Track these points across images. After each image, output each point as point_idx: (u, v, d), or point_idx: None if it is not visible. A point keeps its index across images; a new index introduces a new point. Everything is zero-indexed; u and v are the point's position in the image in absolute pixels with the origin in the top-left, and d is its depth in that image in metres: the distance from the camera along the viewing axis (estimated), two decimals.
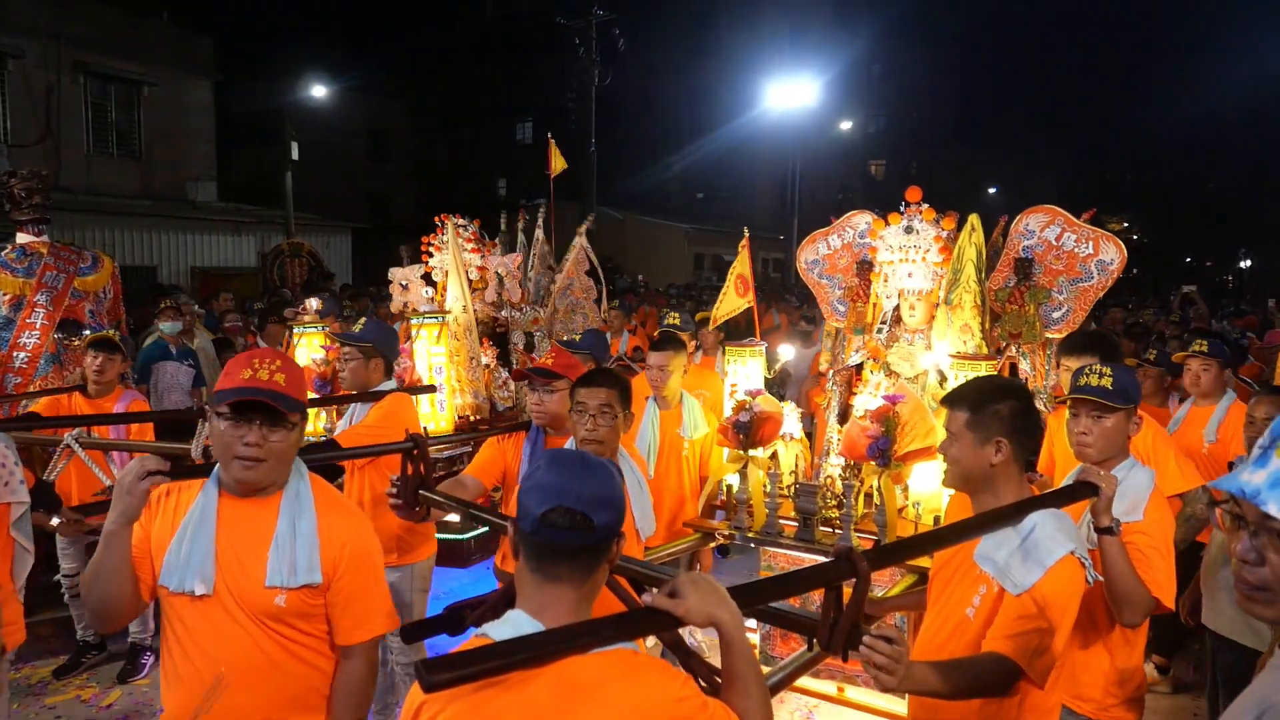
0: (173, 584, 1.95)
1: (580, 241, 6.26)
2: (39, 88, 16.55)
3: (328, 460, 3.16)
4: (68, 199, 15.84)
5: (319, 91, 22.01)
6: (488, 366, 5.45)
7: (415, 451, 2.54)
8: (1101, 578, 2.29)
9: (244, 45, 28.76)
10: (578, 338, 4.96)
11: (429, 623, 1.79)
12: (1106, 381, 2.56)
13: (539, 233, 6.46)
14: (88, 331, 5.21)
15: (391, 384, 3.91)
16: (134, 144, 18.63)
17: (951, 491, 2.62)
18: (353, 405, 3.93)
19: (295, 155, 19.60)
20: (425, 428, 5.19)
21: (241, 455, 1.94)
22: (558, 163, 7.21)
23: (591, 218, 6.60)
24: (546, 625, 1.37)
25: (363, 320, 4.02)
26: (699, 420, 4.22)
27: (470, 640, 1.41)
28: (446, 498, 2.59)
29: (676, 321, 5.34)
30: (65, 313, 5.33)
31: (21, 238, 5.26)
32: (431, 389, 4.90)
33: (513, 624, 1.39)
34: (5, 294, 5.21)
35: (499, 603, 1.77)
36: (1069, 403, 2.68)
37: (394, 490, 2.55)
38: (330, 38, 34.98)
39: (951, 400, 2.25)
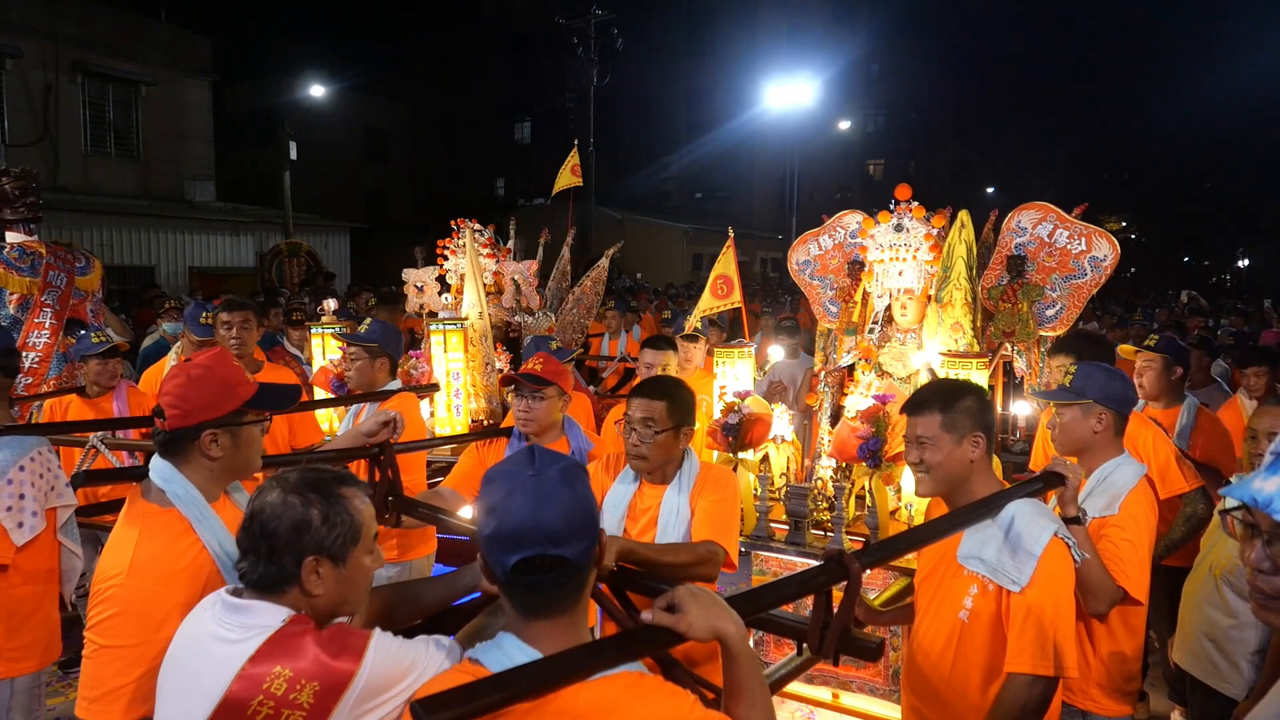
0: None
1: (604, 264, 6.28)
2: (37, 87, 16.54)
3: (289, 463, 3.17)
4: (65, 199, 15.84)
5: (317, 91, 21.99)
6: (501, 371, 5.47)
7: (381, 458, 2.47)
8: (1087, 555, 2.30)
9: (242, 45, 28.81)
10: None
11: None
12: (1066, 379, 2.63)
13: (565, 251, 6.48)
14: (85, 331, 5.20)
15: (397, 384, 3.97)
16: (132, 144, 18.63)
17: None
18: (355, 405, 4.00)
19: (293, 155, 19.61)
20: (435, 430, 5.24)
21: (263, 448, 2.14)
22: (569, 177, 7.15)
23: (620, 245, 6.62)
24: (543, 652, 1.30)
25: (368, 321, 4.01)
26: None
27: (462, 665, 1.35)
28: (423, 505, 2.54)
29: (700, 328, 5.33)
30: (70, 312, 5.32)
31: (12, 237, 5.22)
32: (434, 388, 4.91)
33: (506, 654, 1.32)
34: (13, 293, 5.17)
35: (476, 613, 1.76)
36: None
37: None
38: (328, 38, 35.03)
39: (916, 406, 2.23)
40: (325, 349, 5.50)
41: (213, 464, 1.99)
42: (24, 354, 5.01)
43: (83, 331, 5.26)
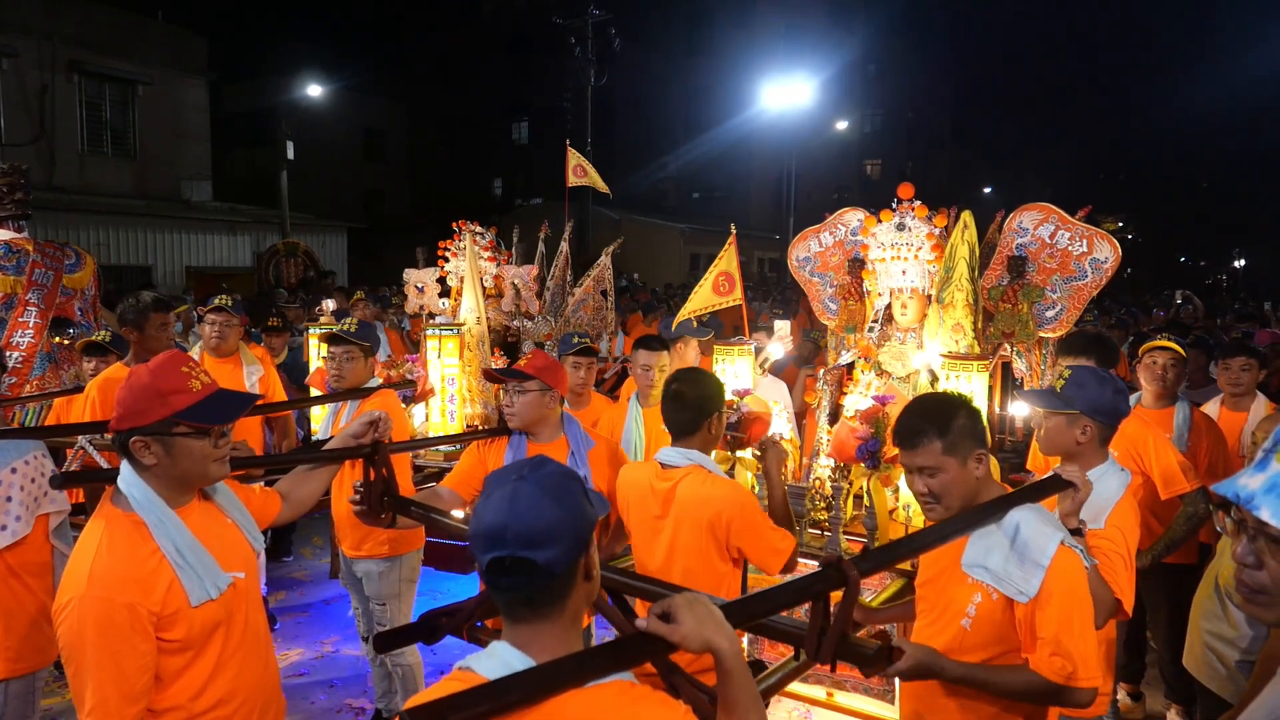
0: (198, 597, 1.94)
1: (604, 261, 6.24)
2: (33, 87, 16.50)
3: (279, 464, 3.18)
4: (62, 198, 15.82)
5: (314, 91, 21.96)
6: None
7: (376, 457, 2.43)
8: (1096, 562, 2.28)
9: (239, 44, 28.74)
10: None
11: (403, 631, 1.77)
12: (1059, 384, 2.61)
13: (564, 245, 6.43)
14: (74, 330, 5.16)
15: (377, 381, 4.13)
16: (129, 143, 18.60)
17: None
18: (335, 404, 4.11)
19: (290, 155, 19.58)
20: (429, 434, 5.24)
21: (220, 456, 2.03)
22: (578, 175, 7.17)
23: (620, 241, 6.57)
24: (534, 659, 1.31)
25: (352, 320, 4.04)
26: None
27: (454, 673, 1.35)
28: (417, 506, 2.52)
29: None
30: (56, 310, 5.28)
31: (1, 234, 5.19)
32: (411, 384, 4.92)
33: (500, 660, 1.32)
34: None
35: (474, 610, 1.74)
36: None
37: (357, 498, 2.47)
38: (326, 37, 34.92)
39: (909, 437, 2.14)
40: (321, 349, 5.49)
41: (151, 470, 1.95)
42: (7, 353, 4.99)
43: (71, 330, 5.22)
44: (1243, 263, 47.31)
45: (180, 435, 1.93)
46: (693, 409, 2.73)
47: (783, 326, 4.67)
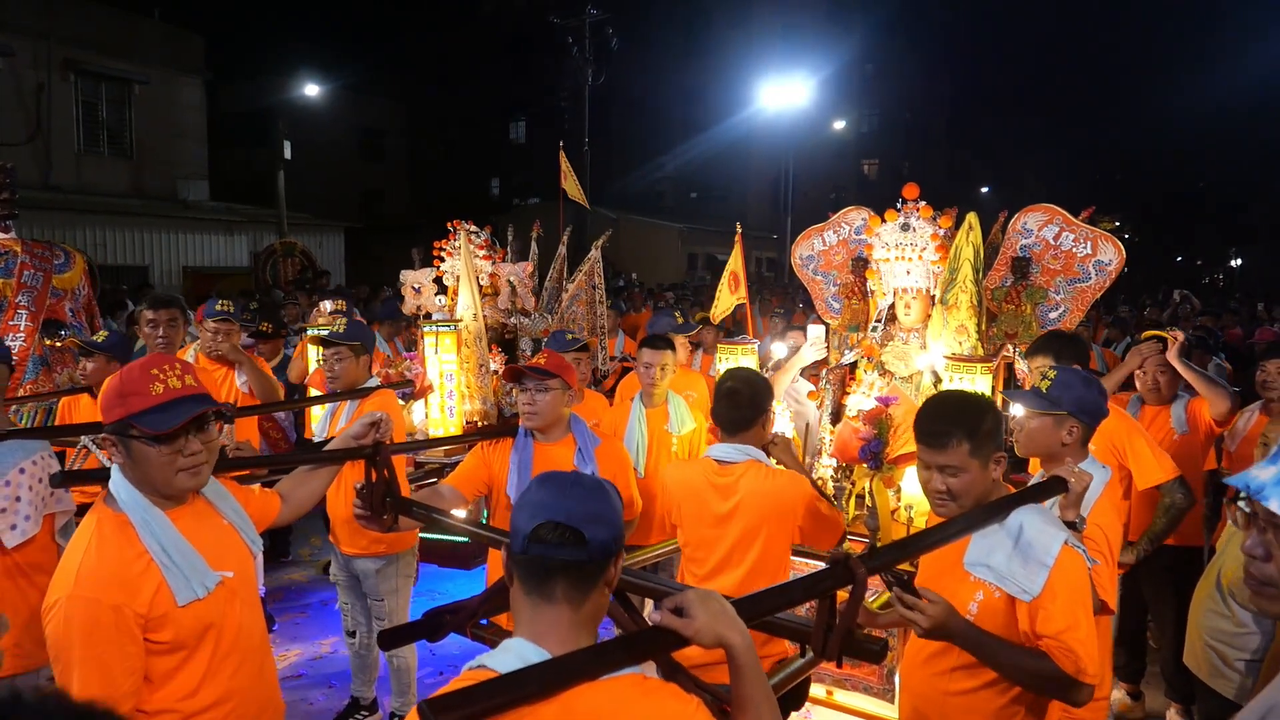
0: (185, 597, 1.91)
1: (594, 255, 6.26)
2: (29, 86, 16.43)
3: (278, 464, 3.17)
4: (58, 198, 15.77)
5: (312, 90, 21.91)
6: (496, 373, 5.47)
7: (377, 459, 2.38)
8: (1098, 561, 2.28)
9: (236, 44, 28.61)
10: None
11: (408, 628, 1.76)
12: (1044, 385, 2.60)
13: (562, 249, 6.47)
14: (65, 332, 5.12)
15: (375, 380, 4.14)
16: (125, 143, 18.52)
17: None
18: (333, 404, 4.14)
19: (288, 154, 19.54)
20: (427, 432, 5.25)
21: (186, 466, 1.95)
22: (570, 184, 7.23)
23: (608, 235, 6.61)
24: (550, 652, 1.31)
25: (343, 320, 4.06)
26: (685, 416, 4.23)
27: (465, 672, 1.34)
28: (419, 506, 2.50)
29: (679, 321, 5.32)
30: (47, 313, 5.23)
31: None
32: (409, 384, 4.93)
33: (515, 653, 1.32)
34: None
35: (478, 609, 1.74)
36: None
37: (359, 502, 2.41)
38: (323, 36, 34.79)
39: (938, 436, 2.15)
40: (320, 351, 5.49)
41: (122, 470, 1.94)
42: None
43: (63, 331, 5.19)
44: (1239, 262, 47.44)
45: (134, 439, 1.90)
46: (749, 406, 2.83)
47: (817, 334, 4.34)
